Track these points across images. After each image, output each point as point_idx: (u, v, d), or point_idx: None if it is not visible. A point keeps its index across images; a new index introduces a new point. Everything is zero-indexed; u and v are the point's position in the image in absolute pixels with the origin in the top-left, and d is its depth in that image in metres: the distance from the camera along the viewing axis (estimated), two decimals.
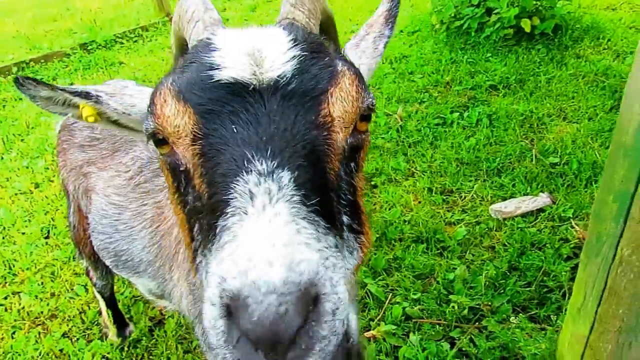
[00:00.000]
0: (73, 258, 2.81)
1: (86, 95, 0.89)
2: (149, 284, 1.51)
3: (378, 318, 2.20)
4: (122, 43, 6.57)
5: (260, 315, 0.49)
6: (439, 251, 2.56)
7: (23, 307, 2.49)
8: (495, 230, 2.65)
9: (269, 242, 0.54)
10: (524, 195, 2.86)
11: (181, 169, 0.72)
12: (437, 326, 2.12)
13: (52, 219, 3.14)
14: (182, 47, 0.89)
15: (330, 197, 0.67)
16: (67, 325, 2.38)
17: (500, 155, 3.21)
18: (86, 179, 1.65)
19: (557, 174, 3.00)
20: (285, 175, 0.61)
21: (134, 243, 1.46)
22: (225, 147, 0.65)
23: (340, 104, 0.70)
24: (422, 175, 3.15)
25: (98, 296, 2.21)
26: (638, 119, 1.13)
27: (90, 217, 1.61)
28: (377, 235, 2.65)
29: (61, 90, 0.87)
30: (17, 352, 2.24)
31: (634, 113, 1.15)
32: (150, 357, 2.19)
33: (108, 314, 2.22)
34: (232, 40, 0.73)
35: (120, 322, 2.26)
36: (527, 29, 4.52)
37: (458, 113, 3.74)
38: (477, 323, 2.11)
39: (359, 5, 6.78)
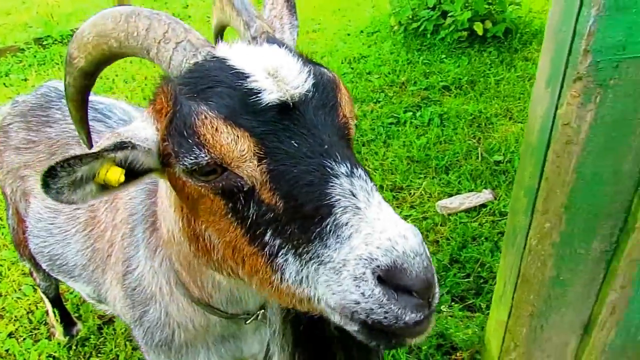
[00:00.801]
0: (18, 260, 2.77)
1: (121, 146, 0.79)
2: (85, 289, 1.53)
3: None
4: None
5: (417, 272, 0.65)
6: None
7: None
8: (441, 225, 2.77)
9: (391, 222, 0.68)
10: (469, 191, 2.99)
11: (245, 189, 0.75)
12: None
13: None
14: (87, 89, 0.90)
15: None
16: (14, 325, 2.35)
17: (449, 153, 3.34)
18: (23, 182, 1.65)
19: (500, 172, 3.15)
20: (360, 171, 0.72)
21: (68, 247, 1.47)
22: (297, 161, 0.71)
23: (346, 105, 0.81)
24: (374, 173, 3.24)
25: (43, 296, 2.21)
26: (540, 122, 1.24)
27: (27, 220, 1.61)
28: None
29: (95, 155, 0.76)
30: None
31: (537, 116, 1.26)
32: (99, 354, 2.19)
33: (54, 313, 2.21)
34: (250, 61, 0.76)
35: (68, 321, 2.25)
36: (480, 32, 4.69)
37: (411, 112, 3.86)
38: None
39: (320, 4, 6.84)
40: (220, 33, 1.09)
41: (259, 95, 0.72)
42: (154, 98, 0.83)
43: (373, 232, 0.66)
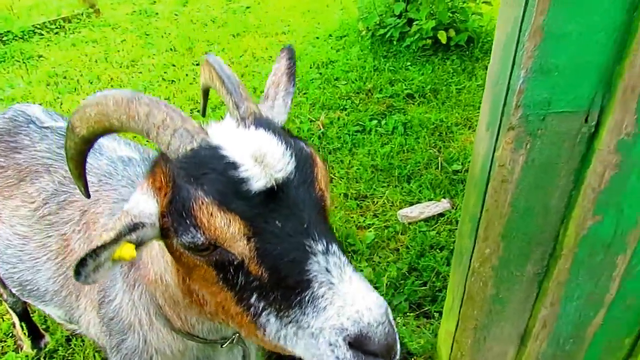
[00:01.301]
0: None
1: (135, 227, 0.87)
2: (56, 312, 1.58)
3: None
4: (41, 34, 6.25)
5: (380, 339, 0.77)
6: (350, 254, 2.79)
7: None
8: (401, 234, 2.92)
9: (360, 296, 0.79)
10: (429, 200, 3.15)
11: (235, 262, 0.85)
12: None
13: None
14: (85, 153, 1.00)
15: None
16: None
17: (411, 162, 3.49)
18: None
19: (458, 181, 3.32)
20: (334, 247, 0.83)
21: (38, 274, 1.52)
22: (281, 240, 0.82)
23: (321, 179, 0.90)
24: (340, 181, 3.36)
25: (10, 311, 2.23)
26: (481, 160, 1.38)
27: None
28: None
29: (113, 241, 0.84)
30: None
31: (479, 154, 1.40)
32: None
33: (22, 327, 2.24)
34: (239, 149, 0.84)
35: (36, 334, 2.28)
36: (444, 41, 4.86)
37: (376, 121, 3.99)
38: None
39: (290, 5, 6.89)
40: (206, 92, 1.18)
41: (248, 183, 0.81)
42: (152, 173, 0.91)
43: (344, 305, 0.78)
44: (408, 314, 2.36)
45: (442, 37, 4.85)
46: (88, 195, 1.09)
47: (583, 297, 1.46)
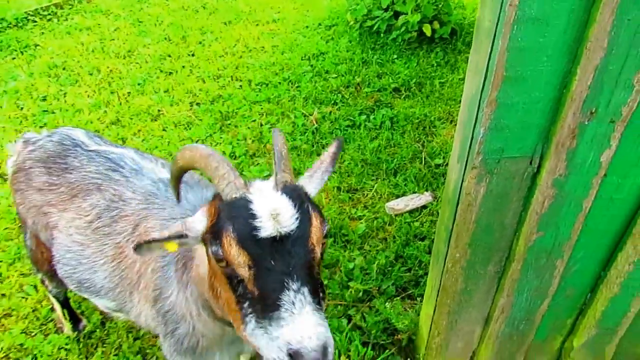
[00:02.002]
0: (18, 259, 3.08)
1: (180, 236, 1.29)
2: (108, 304, 1.93)
3: None
4: (34, 22, 6.32)
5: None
6: (343, 244, 3.17)
7: None
8: (388, 225, 3.30)
9: (308, 326, 1.10)
10: (413, 193, 3.53)
11: (238, 279, 1.22)
12: (339, 306, 2.74)
13: None
14: (180, 173, 1.41)
15: (318, 289, 1.21)
16: (23, 322, 2.71)
17: (397, 157, 3.84)
18: (46, 217, 1.99)
19: (439, 174, 3.70)
20: (306, 290, 1.14)
21: (95, 274, 1.86)
22: (270, 274, 1.16)
23: (315, 237, 1.22)
24: (333, 175, 3.71)
25: (53, 300, 2.57)
26: (453, 184, 1.73)
27: (54, 250, 1.96)
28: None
29: (166, 239, 1.29)
30: None
31: (452, 179, 1.75)
32: (104, 345, 2.61)
33: (63, 313, 2.59)
34: (262, 209, 1.19)
35: (75, 318, 2.63)
36: (428, 34, 5.12)
37: (365, 115, 4.31)
38: (368, 303, 2.76)
39: None
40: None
41: (259, 231, 1.17)
42: (210, 204, 1.31)
43: (295, 329, 1.10)
44: (395, 297, 2.77)
45: (427, 30, 5.11)
46: (179, 200, 1.52)
47: (532, 290, 1.86)
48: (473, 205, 1.64)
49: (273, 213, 1.18)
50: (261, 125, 4.30)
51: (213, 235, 1.23)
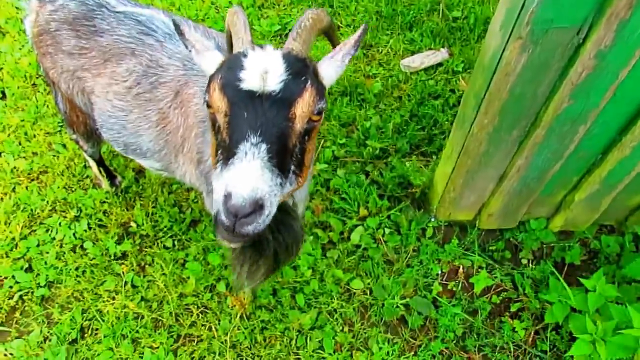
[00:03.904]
0: (40, 117, 3.12)
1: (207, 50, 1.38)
2: (154, 164, 2.04)
3: (314, 160, 2.95)
4: None
5: (235, 203, 1.11)
6: (359, 103, 3.22)
7: (14, 167, 2.90)
8: (404, 83, 3.31)
9: (247, 176, 1.14)
10: (429, 49, 3.47)
11: (217, 124, 1.29)
12: (357, 163, 2.93)
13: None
14: (230, 39, 1.44)
15: (286, 157, 1.25)
16: (61, 179, 2.88)
17: (414, 8, 3.66)
18: (81, 82, 1.98)
19: (457, 28, 3.58)
20: (264, 146, 1.17)
21: (141, 138, 1.93)
22: (239, 123, 1.21)
23: (300, 108, 1.22)
24: (347, 29, 3.58)
25: (89, 159, 2.69)
26: (491, 52, 1.73)
27: (96, 116, 2.00)
28: None
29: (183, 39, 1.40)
30: (26, 204, 2.77)
31: (490, 46, 1.74)
32: (141, 199, 2.82)
33: (99, 170, 2.74)
34: (253, 63, 1.22)
35: (110, 175, 2.80)
36: None
37: None
38: (384, 160, 2.94)
39: None
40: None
41: (242, 82, 1.21)
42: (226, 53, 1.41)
43: (235, 173, 1.15)
44: (409, 154, 2.94)
45: None
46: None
47: (550, 153, 2.01)
48: (511, 75, 1.68)
49: (262, 70, 1.21)
50: None
51: (209, 81, 1.29)
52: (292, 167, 1.29)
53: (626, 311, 2.02)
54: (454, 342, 2.37)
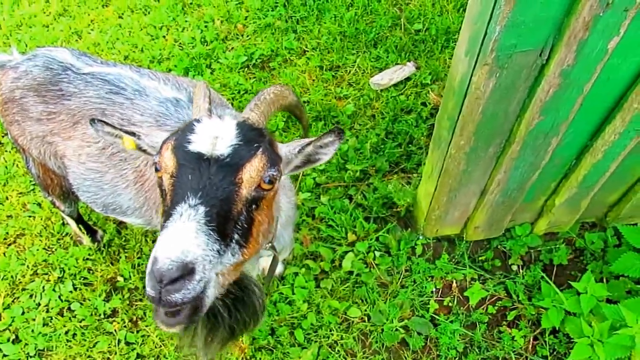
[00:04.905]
0: (9, 178, 3.03)
1: (133, 134, 1.37)
2: (136, 220, 2.01)
3: (296, 189, 2.94)
4: None
5: (160, 267, 1.03)
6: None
7: None
8: (375, 101, 3.34)
9: (177, 237, 1.08)
10: (395, 64, 3.51)
11: (163, 188, 1.27)
12: (339, 187, 2.93)
13: None
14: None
15: (228, 223, 1.19)
16: (40, 240, 2.80)
17: (376, 25, 3.70)
18: (52, 146, 1.93)
19: (420, 41, 3.64)
20: (202, 209, 1.12)
21: (120, 197, 1.90)
22: (182, 185, 1.19)
23: (248, 173, 1.20)
24: (313, 53, 3.60)
25: (67, 219, 2.62)
26: (459, 77, 1.76)
27: (71, 179, 1.95)
28: (284, 120, 3.22)
29: (119, 130, 1.38)
30: (6, 270, 2.68)
31: (458, 72, 1.78)
32: (125, 251, 2.76)
33: (80, 228, 2.68)
34: (205, 129, 1.24)
35: (90, 231, 2.73)
36: None
37: None
38: (366, 181, 2.95)
39: None
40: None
41: (191, 145, 1.21)
42: None
43: (167, 235, 1.09)
44: (389, 172, 2.96)
45: None
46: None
47: (526, 166, 2.05)
48: (481, 99, 1.71)
49: (213, 135, 1.22)
50: (227, 2, 3.97)
51: (162, 144, 1.28)
52: (236, 236, 1.21)
53: (619, 309, 2.07)
54: (457, 359, 2.38)
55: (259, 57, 3.60)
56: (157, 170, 1.26)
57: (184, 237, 1.08)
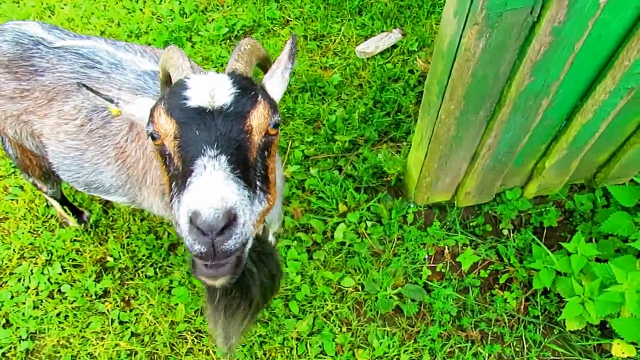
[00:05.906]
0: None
1: (111, 101, 1.31)
2: (120, 199, 1.95)
3: (284, 162, 2.90)
4: None
5: (206, 219, 0.98)
6: (321, 97, 3.18)
7: None
8: (362, 70, 3.28)
9: (212, 186, 1.03)
10: (381, 32, 3.43)
11: (167, 153, 1.20)
12: (328, 159, 2.90)
13: None
14: (167, 78, 1.33)
15: (249, 170, 1.16)
16: (24, 223, 2.74)
17: None
18: (27, 125, 1.86)
19: (405, 7, 3.55)
20: (224, 158, 1.09)
21: (101, 175, 1.84)
22: (193, 142, 1.13)
23: (256, 120, 1.17)
24: (297, 22, 3.50)
25: (51, 200, 2.55)
26: (448, 39, 1.72)
27: (50, 158, 1.88)
28: None
29: (102, 98, 1.31)
30: None
31: (446, 34, 1.73)
32: (114, 230, 2.72)
33: (65, 209, 2.62)
34: (198, 84, 1.17)
35: (76, 212, 2.68)
36: None
37: None
38: (355, 152, 2.92)
39: None
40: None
41: (189, 100, 1.15)
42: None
43: (197, 189, 1.04)
44: (378, 142, 2.93)
45: None
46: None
47: (517, 128, 2.03)
48: (471, 60, 1.67)
49: (209, 88, 1.16)
50: None
51: (150, 112, 1.22)
52: (258, 183, 1.19)
53: (608, 267, 2.09)
54: (451, 323, 2.41)
55: (240, 28, 3.49)
56: (154, 138, 1.19)
57: (219, 186, 1.03)
